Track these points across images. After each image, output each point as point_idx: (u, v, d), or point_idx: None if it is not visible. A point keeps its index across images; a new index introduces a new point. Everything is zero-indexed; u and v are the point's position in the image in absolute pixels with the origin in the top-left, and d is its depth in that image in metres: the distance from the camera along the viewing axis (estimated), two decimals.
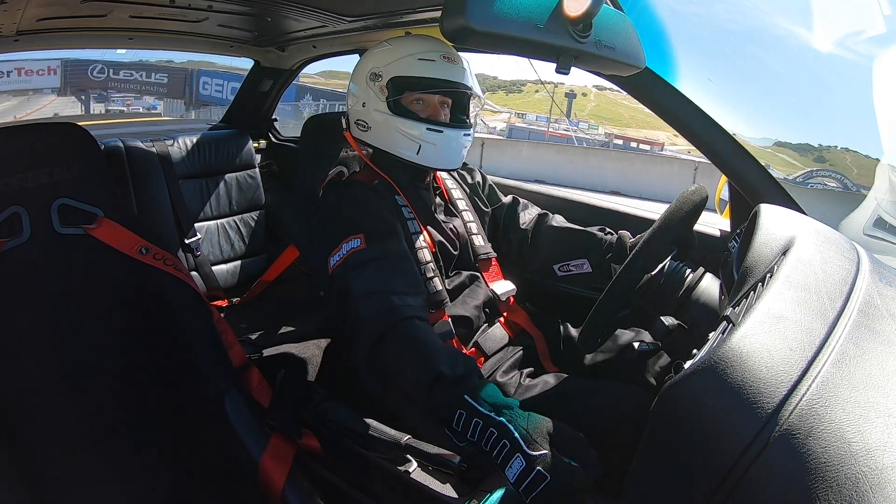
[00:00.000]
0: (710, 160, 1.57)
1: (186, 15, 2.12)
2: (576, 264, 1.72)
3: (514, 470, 0.98)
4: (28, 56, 13.30)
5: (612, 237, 1.70)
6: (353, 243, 1.37)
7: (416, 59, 1.52)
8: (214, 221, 2.66)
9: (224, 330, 1.59)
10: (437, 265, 1.56)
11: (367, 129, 1.58)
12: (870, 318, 0.82)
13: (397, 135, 1.54)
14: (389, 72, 1.53)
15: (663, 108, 1.56)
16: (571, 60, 1.10)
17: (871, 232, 1.91)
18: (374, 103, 1.55)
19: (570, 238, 1.77)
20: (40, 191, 1.49)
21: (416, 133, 1.52)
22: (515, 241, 1.85)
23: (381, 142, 1.57)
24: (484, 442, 1.04)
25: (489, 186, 1.93)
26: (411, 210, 1.57)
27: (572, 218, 1.86)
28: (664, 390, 0.77)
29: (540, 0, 1.00)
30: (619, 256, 1.63)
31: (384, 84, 1.53)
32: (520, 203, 1.91)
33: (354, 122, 1.62)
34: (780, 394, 0.68)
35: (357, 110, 1.60)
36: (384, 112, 1.53)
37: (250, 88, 3.14)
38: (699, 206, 1.31)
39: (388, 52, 1.56)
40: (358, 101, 1.60)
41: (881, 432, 0.65)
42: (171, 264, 1.57)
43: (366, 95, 1.57)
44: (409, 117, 1.53)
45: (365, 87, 1.57)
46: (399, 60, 1.52)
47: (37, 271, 1.45)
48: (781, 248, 1.00)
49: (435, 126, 1.53)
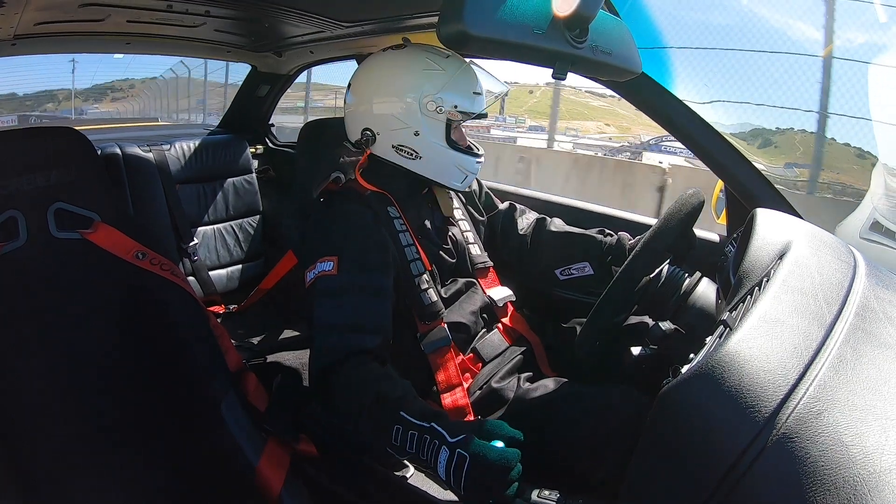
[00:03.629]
0: (706, 164, 1.57)
1: (184, 20, 2.11)
2: (577, 267, 1.72)
3: (442, 463, 1.07)
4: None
5: (611, 239, 1.71)
6: (325, 266, 1.38)
7: (472, 92, 1.53)
8: (212, 226, 2.65)
9: (220, 335, 1.59)
10: (432, 275, 1.56)
11: (416, 157, 1.53)
12: (867, 322, 0.82)
13: (453, 168, 1.56)
14: (454, 105, 1.51)
15: (659, 113, 1.56)
16: (568, 66, 1.10)
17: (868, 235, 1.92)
18: (431, 135, 1.51)
19: (569, 241, 1.78)
20: (37, 195, 1.49)
21: (469, 166, 1.57)
22: (514, 247, 1.85)
23: (430, 171, 1.56)
24: (422, 451, 1.11)
25: (486, 194, 1.93)
26: (404, 222, 1.56)
27: (569, 223, 1.86)
28: (661, 394, 0.77)
29: (537, 6, 1.00)
30: (618, 258, 1.64)
31: (448, 117, 1.51)
32: (517, 209, 1.91)
33: (393, 146, 1.54)
34: (777, 397, 0.68)
35: (404, 137, 1.53)
36: (442, 145, 1.53)
37: (247, 93, 3.13)
38: (696, 210, 1.31)
39: (446, 82, 1.50)
40: (408, 130, 1.51)
41: (879, 435, 0.65)
42: (167, 269, 1.56)
43: (419, 124, 1.51)
44: (462, 151, 1.55)
45: (419, 115, 1.50)
46: (462, 95, 1.51)
47: (33, 276, 1.45)
48: (778, 253, 1.00)
49: (479, 158, 1.59)
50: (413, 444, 1.12)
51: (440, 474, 1.08)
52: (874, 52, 3.52)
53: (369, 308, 1.36)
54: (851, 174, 5.22)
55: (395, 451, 1.16)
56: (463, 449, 1.05)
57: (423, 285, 1.51)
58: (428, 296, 1.51)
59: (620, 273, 1.27)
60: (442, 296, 1.56)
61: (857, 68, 4.12)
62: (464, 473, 1.03)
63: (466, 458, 1.04)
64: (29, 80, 12.44)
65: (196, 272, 2.51)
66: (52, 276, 1.47)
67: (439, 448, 1.08)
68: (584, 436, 1.31)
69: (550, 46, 1.03)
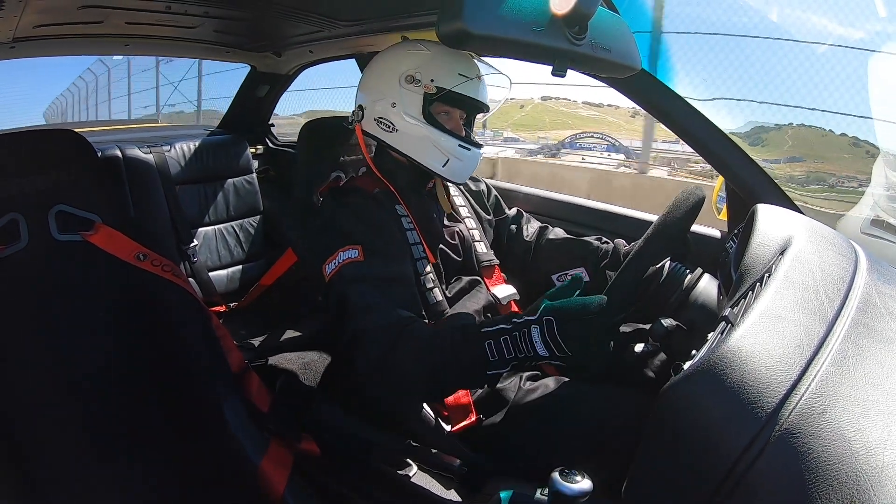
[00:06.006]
0: (706, 161, 1.57)
1: (182, 21, 2.11)
2: (573, 273, 1.72)
3: (538, 342, 1.17)
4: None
5: (608, 246, 1.72)
6: (349, 253, 1.37)
7: (457, 73, 1.51)
8: (212, 227, 2.65)
9: (223, 335, 1.59)
10: (438, 274, 1.56)
11: (392, 130, 1.55)
12: (868, 317, 0.82)
13: (428, 144, 1.53)
14: (430, 79, 1.51)
15: (659, 109, 1.57)
16: (567, 63, 1.10)
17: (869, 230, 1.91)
18: (407, 107, 1.52)
19: (566, 248, 1.80)
20: (38, 197, 1.49)
21: (448, 147, 1.53)
22: (520, 253, 1.87)
23: (404, 146, 1.55)
24: (518, 347, 1.19)
25: (495, 197, 1.94)
26: (411, 220, 1.56)
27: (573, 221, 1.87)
28: (663, 391, 0.77)
29: (536, 3, 1.00)
30: (614, 264, 1.65)
31: (425, 91, 1.51)
32: (523, 216, 1.93)
33: (374, 119, 1.57)
34: (779, 393, 0.68)
35: (382, 109, 1.55)
36: (417, 118, 1.52)
37: (247, 94, 3.13)
38: (696, 207, 1.31)
39: (428, 60, 1.53)
40: (385, 100, 1.55)
41: (881, 430, 0.65)
42: (168, 270, 1.56)
43: (397, 96, 1.53)
44: (443, 130, 1.53)
45: (398, 87, 1.52)
46: (442, 71, 1.51)
47: (35, 278, 1.45)
48: (779, 248, 1.00)
49: (465, 143, 1.55)
50: (509, 346, 1.19)
51: (540, 352, 1.17)
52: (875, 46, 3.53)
53: (401, 292, 1.38)
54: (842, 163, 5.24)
55: (497, 367, 1.22)
56: (547, 315, 1.17)
57: (429, 284, 1.51)
58: (433, 295, 1.51)
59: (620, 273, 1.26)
60: (446, 295, 1.56)
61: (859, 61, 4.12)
62: (557, 334, 1.15)
63: (553, 320, 1.16)
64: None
65: (196, 274, 2.51)
66: (53, 279, 1.47)
67: (530, 331, 1.18)
68: (587, 435, 1.31)
69: (550, 43, 1.03)
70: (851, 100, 4.43)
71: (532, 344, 1.17)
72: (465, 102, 1.55)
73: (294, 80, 3.10)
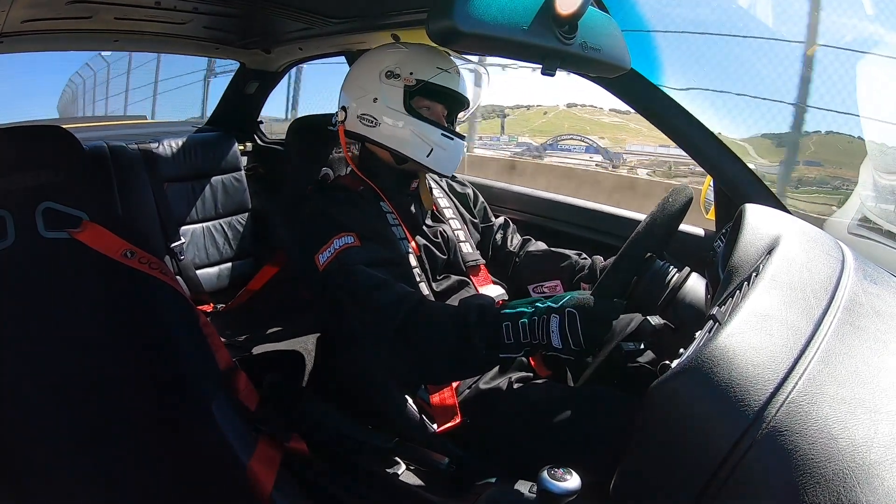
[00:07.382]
0: (694, 160, 1.58)
1: (172, 17, 2.10)
2: (549, 285, 1.76)
3: (555, 331, 1.16)
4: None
5: (585, 261, 1.74)
6: (345, 240, 1.39)
7: (435, 67, 1.54)
8: (200, 225, 2.64)
9: (210, 333, 1.59)
10: (423, 270, 1.57)
11: (376, 125, 1.57)
12: (855, 316, 0.82)
13: (411, 135, 1.55)
14: (410, 72, 1.54)
15: (648, 109, 1.57)
16: (557, 62, 1.11)
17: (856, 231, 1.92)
18: (388, 101, 1.55)
19: (545, 260, 1.82)
20: (24, 194, 1.47)
21: (432, 137, 1.55)
22: (503, 262, 1.90)
23: (388, 139, 1.57)
24: (535, 332, 1.18)
25: (482, 204, 1.96)
26: (396, 217, 1.57)
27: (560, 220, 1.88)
28: (651, 390, 0.77)
29: (527, 2, 1.00)
30: (590, 278, 1.67)
31: (405, 84, 1.54)
32: (510, 226, 1.97)
33: (357, 116, 1.59)
34: (766, 392, 0.68)
35: (364, 105, 1.58)
36: (398, 111, 1.54)
37: (236, 91, 3.12)
38: (684, 206, 1.32)
39: (406, 55, 1.57)
40: (367, 97, 1.57)
41: (867, 428, 0.65)
42: (156, 268, 1.55)
43: (379, 92, 1.56)
44: (425, 120, 1.55)
45: (378, 83, 1.56)
46: (420, 65, 1.54)
47: (21, 276, 1.44)
48: (767, 248, 1.00)
49: (448, 133, 1.57)
50: (526, 330, 1.18)
51: (554, 342, 1.16)
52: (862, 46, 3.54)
53: (404, 273, 1.44)
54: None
55: (510, 351, 1.22)
56: (571, 307, 1.15)
57: (416, 279, 1.52)
58: (421, 290, 1.51)
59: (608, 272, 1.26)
60: (434, 290, 1.56)
61: (844, 61, 4.13)
62: (579, 329, 1.14)
63: (576, 314, 1.14)
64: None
65: (183, 271, 2.50)
66: (40, 276, 1.46)
67: (549, 318, 1.16)
68: (575, 434, 1.31)
69: (539, 43, 1.03)
70: (842, 101, 4.45)
71: (548, 333, 1.16)
72: (446, 96, 1.58)
73: (283, 77, 3.08)
